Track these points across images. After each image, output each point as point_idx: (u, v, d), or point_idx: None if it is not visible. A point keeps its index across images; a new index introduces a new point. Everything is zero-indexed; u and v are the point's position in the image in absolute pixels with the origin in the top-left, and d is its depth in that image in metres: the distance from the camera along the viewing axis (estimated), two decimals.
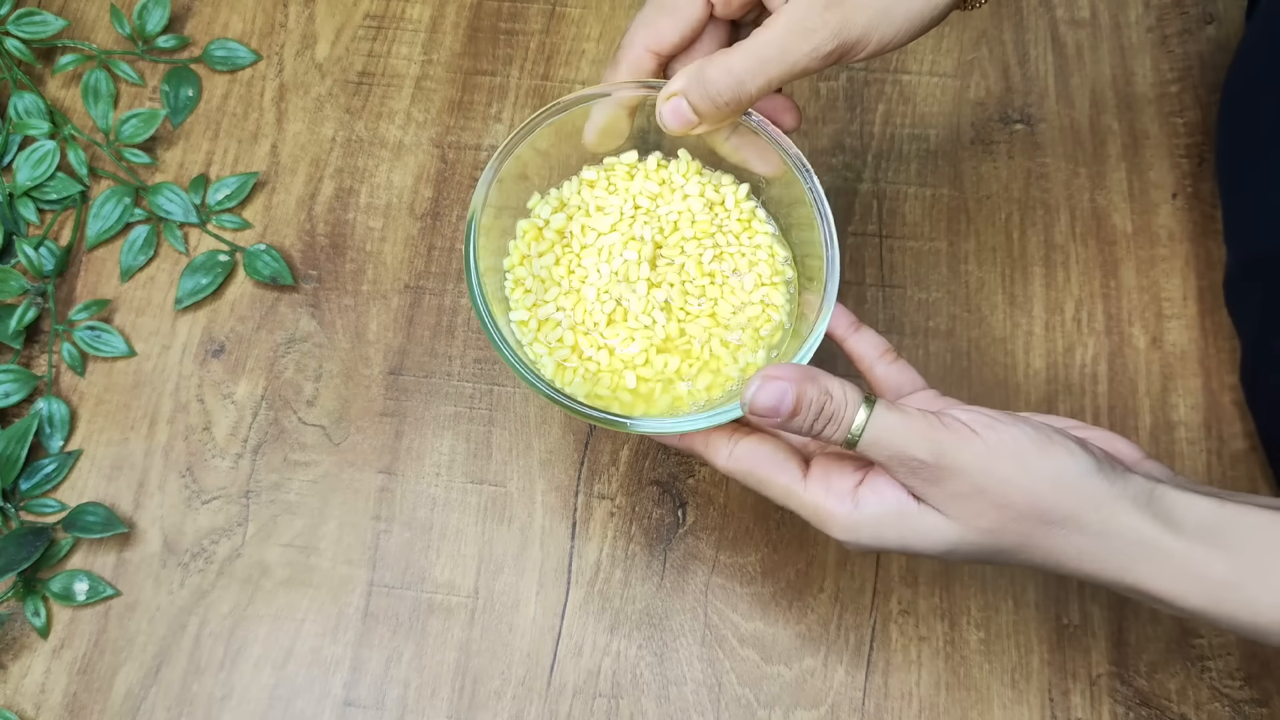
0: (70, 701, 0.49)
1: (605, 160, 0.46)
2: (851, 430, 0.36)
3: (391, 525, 0.51)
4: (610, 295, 0.43)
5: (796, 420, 0.36)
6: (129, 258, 0.56)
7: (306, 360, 0.54)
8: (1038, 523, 0.36)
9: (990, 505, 0.36)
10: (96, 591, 0.50)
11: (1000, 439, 0.36)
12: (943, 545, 0.37)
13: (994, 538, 0.36)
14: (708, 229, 0.44)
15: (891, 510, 0.37)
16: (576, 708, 0.48)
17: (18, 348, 0.54)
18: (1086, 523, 0.35)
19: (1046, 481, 0.36)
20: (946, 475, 0.36)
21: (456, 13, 0.62)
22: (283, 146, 0.59)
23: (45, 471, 0.52)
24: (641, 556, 0.51)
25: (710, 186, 0.45)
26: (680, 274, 0.44)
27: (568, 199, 0.45)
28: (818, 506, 0.38)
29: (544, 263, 0.44)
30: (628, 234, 0.44)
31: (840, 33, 0.38)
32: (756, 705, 0.48)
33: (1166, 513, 0.36)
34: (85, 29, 0.61)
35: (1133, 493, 0.36)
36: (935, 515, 0.37)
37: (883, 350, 0.45)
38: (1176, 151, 0.58)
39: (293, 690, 0.49)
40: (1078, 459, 0.36)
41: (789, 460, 0.40)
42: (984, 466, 0.35)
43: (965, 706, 0.48)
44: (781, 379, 0.36)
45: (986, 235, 0.57)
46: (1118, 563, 0.36)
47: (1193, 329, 0.55)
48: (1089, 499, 0.35)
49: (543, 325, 0.43)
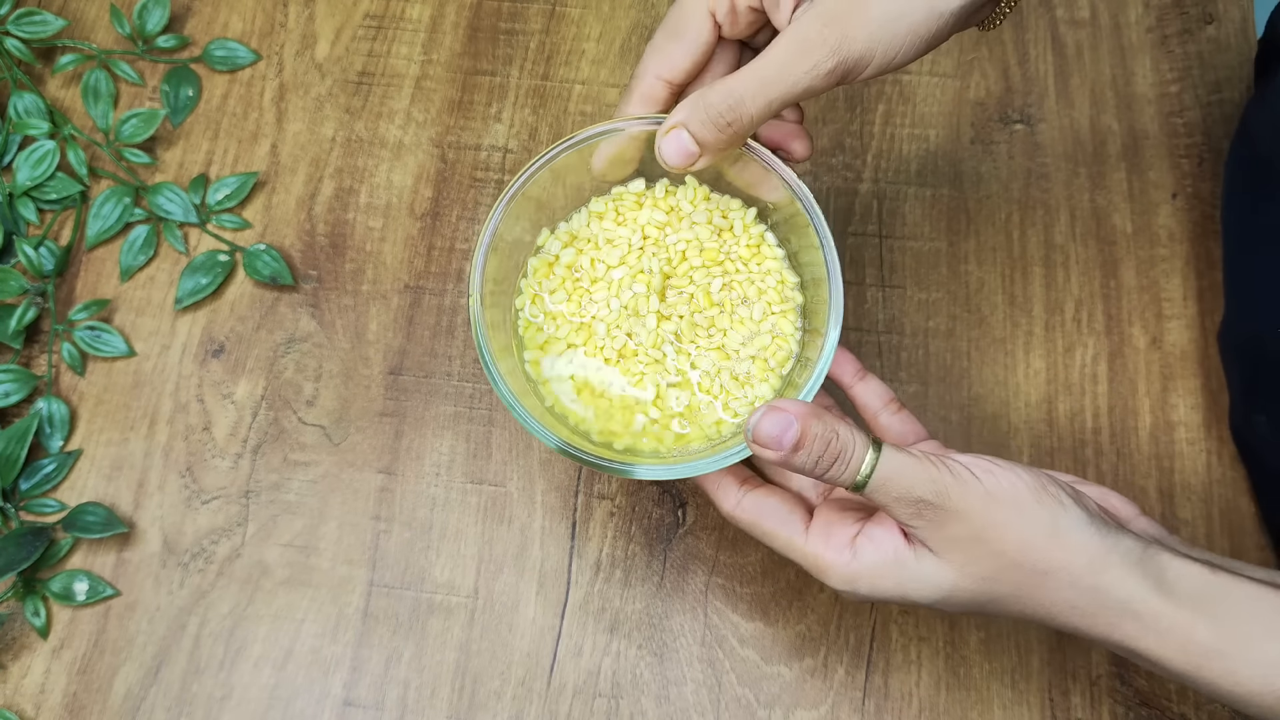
0: (70, 701, 0.49)
1: (613, 190, 0.46)
2: (860, 473, 0.36)
3: (391, 525, 0.51)
4: (620, 329, 0.43)
5: (800, 456, 0.36)
6: (129, 258, 0.56)
7: (306, 360, 0.54)
8: (1030, 572, 0.36)
9: (987, 552, 0.36)
10: (96, 591, 0.50)
11: (999, 484, 0.36)
12: (938, 592, 0.37)
13: (988, 585, 0.37)
14: (715, 256, 0.45)
15: (888, 559, 0.38)
16: (576, 708, 0.48)
17: (17, 348, 0.54)
18: (1077, 576, 0.36)
19: (1041, 530, 0.36)
20: (948, 519, 0.36)
21: (456, 13, 0.62)
22: (282, 146, 0.59)
23: (45, 471, 0.52)
24: (641, 557, 0.51)
25: (718, 212, 0.46)
26: (690, 304, 0.44)
27: (577, 232, 0.46)
28: (817, 557, 0.39)
29: (555, 300, 0.44)
30: (636, 267, 0.44)
31: (839, 49, 0.38)
32: (756, 705, 0.48)
33: (1158, 574, 0.36)
34: (85, 29, 0.61)
35: (1124, 549, 0.36)
36: (932, 561, 0.37)
37: (887, 400, 0.45)
38: (1176, 151, 0.58)
39: (292, 690, 0.49)
40: (1070, 511, 0.36)
41: (793, 514, 0.40)
42: (983, 511, 0.36)
43: (965, 706, 0.48)
44: (787, 411, 0.36)
45: (986, 235, 0.57)
46: (1106, 619, 0.36)
47: (1193, 329, 0.55)
48: (1081, 551, 0.36)
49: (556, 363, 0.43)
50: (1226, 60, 0.60)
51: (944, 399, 0.53)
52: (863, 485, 0.36)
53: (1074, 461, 0.52)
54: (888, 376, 0.54)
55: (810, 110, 0.59)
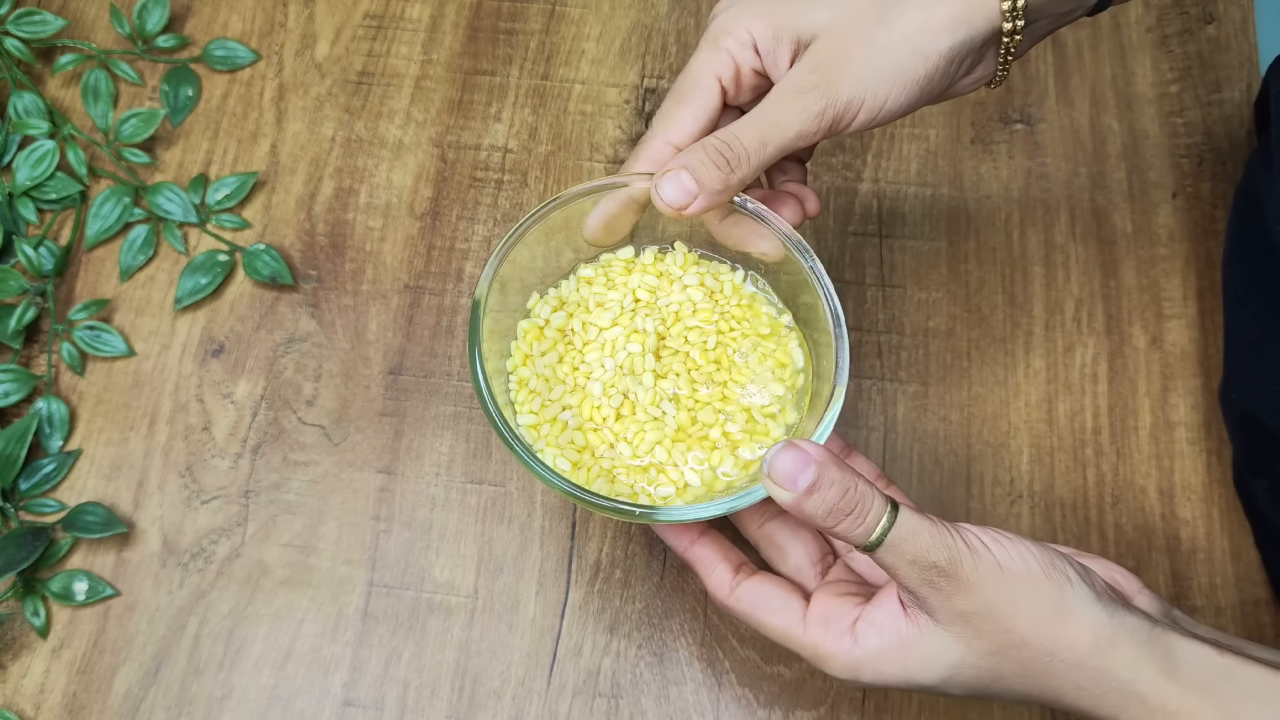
0: (70, 701, 0.49)
1: (601, 257, 0.46)
2: (876, 530, 0.35)
3: (391, 525, 0.51)
4: (616, 389, 0.43)
5: (813, 501, 0.35)
6: (128, 257, 0.56)
7: (306, 360, 0.54)
8: (1038, 651, 0.35)
9: (996, 627, 0.36)
10: (96, 591, 0.50)
11: (1010, 557, 0.36)
12: (944, 669, 0.36)
13: (994, 662, 0.36)
14: (710, 317, 0.44)
15: (891, 643, 0.37)
16: (576, 708, 0.48)
17: (17, 347, 0.54)
18: (1084, 656, 0.35)
19: (1049, 607, 0.35)
20: (959, 590, 0.35)
21: (456, 12, 0.62)
22: (282, 146, 0.59)
23: (44, 471, 0.52)
24: (641, 556, 0.51)
25: (709, 275, 0.45)
26: (686, 363, 0.43)
27: (567, 297, 0.45)
28: (816, 646, 0.38)
29: (547, 361, 0.43)
30: (630, 327, 0.43)
31: (827, 92, 0.39)
32: (756, 705, 0.48)
33: (1164, 655, 0.35)
34: (85, 28, 0.61)
35: (1131, 628, 0.36)
36: (937, 637, 0.36)
37: (875, 475, 0.45)
38: (1176, 151, 0.58)
39: (292, 690, 0.49)
40: (1078, 589, 0.36)
41: (790, 601, 0.39)
42: (994, 584, 0.35)
43: (965, 706, 0.48)
44: (806, 452, 0.35)
45: (986, 235, 0.57)
46: (1112, 700, 0.36)
47: (1193, 329, 0.55)
48: (1088, 630, 0.35)
49: (552, 426, 0.42)
50: (1226, 60, 0.60)
51: (944, 399, 0.53)
52: (877, 544, 0.35)
53: (1074, 461, 0.52)
54: (888, 376, 0.54)
55: None
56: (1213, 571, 0.51)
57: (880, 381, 0.54)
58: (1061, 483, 0.52)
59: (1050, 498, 0.52)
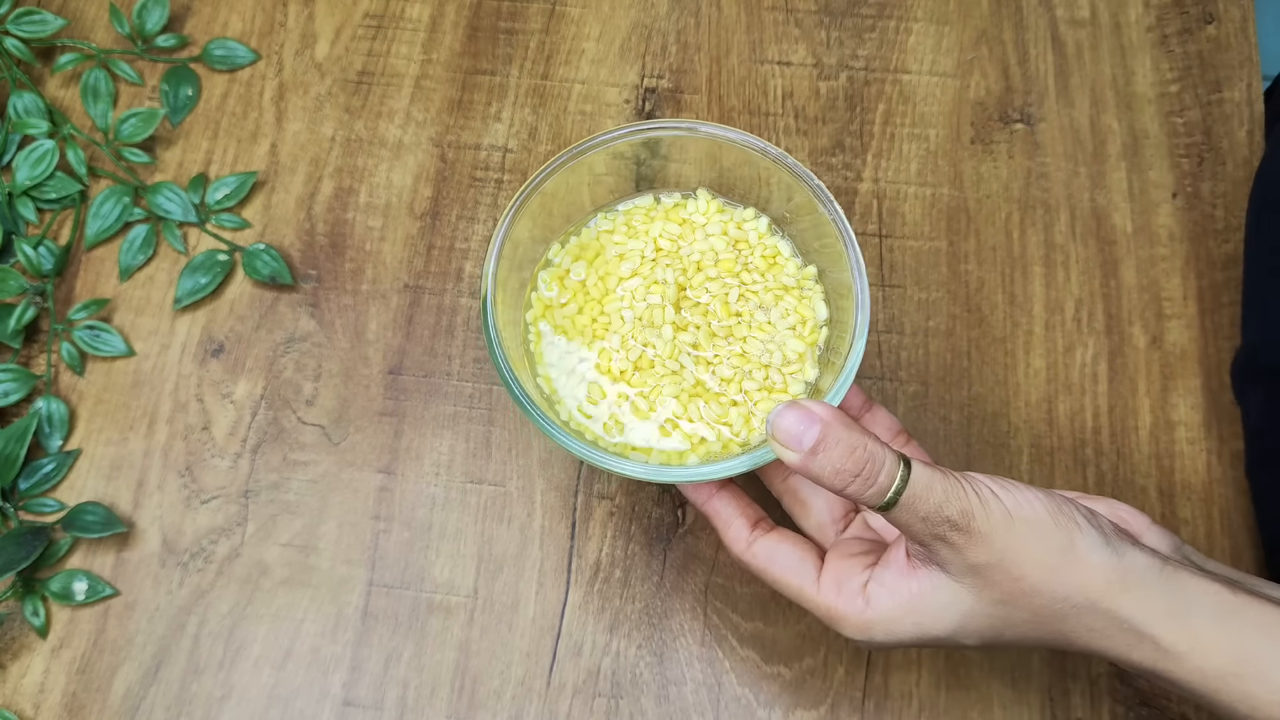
0: (69, 701, 0.49)
1: (621, 205, 0.45)
2: (890, 492, 0.35)
3: (391, 525, 0.51)
4: (636, 341, 0.42)
5: (819, 460, 0.35)
6: (128, 257, 0.56)
7: (306, 360, 0.54)
8: (1049, 598, 0.36)
9: (1006, 576, 0.36)
10: (95, 591, 0.50)
11: (1018, 504, 0.36)
12: (955, 618, 0.37)
13: (1005, 610, 0.36)
14: (732, 267, 0.43)
15: (902, 601, 0.37)
16: (576, 707, 0.48)
17: (17, 347, 0.54)
18: (1095, 599, 0.35)
19: (1058, 552, 0.35)
20: (971, 541, 0.35)
21: (456, 12, 0.62)
22: (282, 146, 0.59)
23: (44, 471, 0.52)
24: (641, 556, 0.51)
25: (732, 224, 0.45)
26: (706, 315, 0.43)
27: (587, 245, 0.45)
28: (830, 608, 0.38)
29: (567, 312, 0.43)
30: (650, 277, 0.43)
31: None
32: (756, 705, 0.48)
33: (1175, 595, 0.35)
34: (84, 28, 0.61)
35: (1141, 568, 0.36)
36: (949, 588, 0.36)
37: (895, 431, 0.44)
38: (1176, 151, 0.58)
39: (292, 690, 0.49)
40: (1087, 533, 0.36)
41: (805, 561, 0.39)
42: (1005, 533, 0.35)
43: (965, 706, 0.48)
44: (810, 410, 0.35)
45: (986, 235, 0.57)
46: (1124, 640, 0.36)
47: (1193, 329, 0.55)
48: (1098, 573, 0.35)
49: (569, 378, 0.42)
50: (1226, 60, 0.60)
51: (944, 399, 0.53)
52: (892, 503, 0.35)
53: (1074, 461, 0.52)
54: (887, 376, 0.54)
55: (810, 110, 0.59)
56: None
57: (880, 381, 0.54)
58: (1061, 483, 0.52)
59: None
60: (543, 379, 0.43)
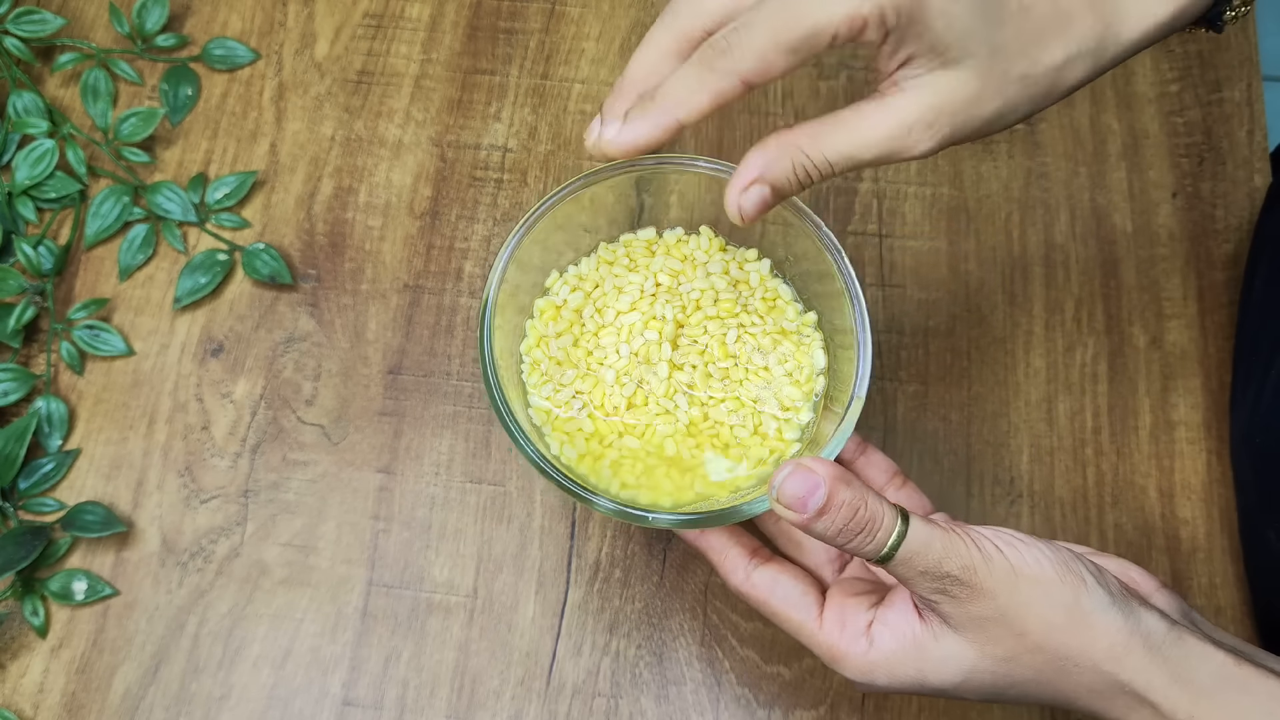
0: (69, 701, 0.49)
1: (623, 237, 0.45)
2: (887, 545, 0.35)
3: (390, 525, 0.51)
4: (630, 378, 0.42)
5: (824, 521, 0.35)
6: (127, 257, 0.56)
7: (305, 359, 0.54)
8: (1052, 656, 0.35)
9: (1010, 632, 0.35)
10: (95, 591, 0.50)
11: (1023, 560, 0.35)
12: (958, 674, 0.36)
13: (1008, 667, 0.36)
14: (731, 308, 0.43)
15: (906, 644, 0.36)
16: (576, 707, 0.48)
17: (16, 347, 0.54)
18: (1098, 661, 0.35)
19: (1063, 610, 0.35)
20: (974, 595, 0.35)
21: (456, 11, 0.62)
22: (282, 145, 0.59)
23: (44, 471, 0.52)
24: (641, 556, 0.51)
25: (734, 263, 0.44)
26: (703, 355, 0.42)
27: (586, 276, 0.44)
28: (831, 647, 0.38)
29: (561, 344, 0.42)
30: (648, 313, 0.42)
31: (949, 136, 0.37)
32: (756, 705, 0.48)
33: (1179, 661, 0.35)
34: (84, 28, 0.61)
35: (1147, 630, 0.35)
36: (952, 640, 0.36)
37: (892, 474, 0.44)
38: (1176, 151, 0.58)
39: (291, 690, 0.49)
40: (1093, 591, 0.35)
41: (807, 595, 0.39)
42: (1009, 589, 0.35)
43: (965, 706, 0.48)
44: (814, 473, 0.35)
45: (986, 235, 0.57)
46: (1123, 703, 0.35)
47: (1193, 329, 0.55)
48: (1103, 634, 0.35)
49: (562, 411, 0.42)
50: (1226, 60, 0.60)
51: (944, 399, 0.53)
52: (889, 558, 0.35)
53: (1074, 461, 0.52)
54: (887, 376, 0.54)
55: (810, 110, 0.59)
56: (1213, 571, 0.51)
57: (880, 381, 0.54)
58: (1061, 482, 0.52)
59: (1050, 497, 0.52)
60: (534, 410, 0.42)
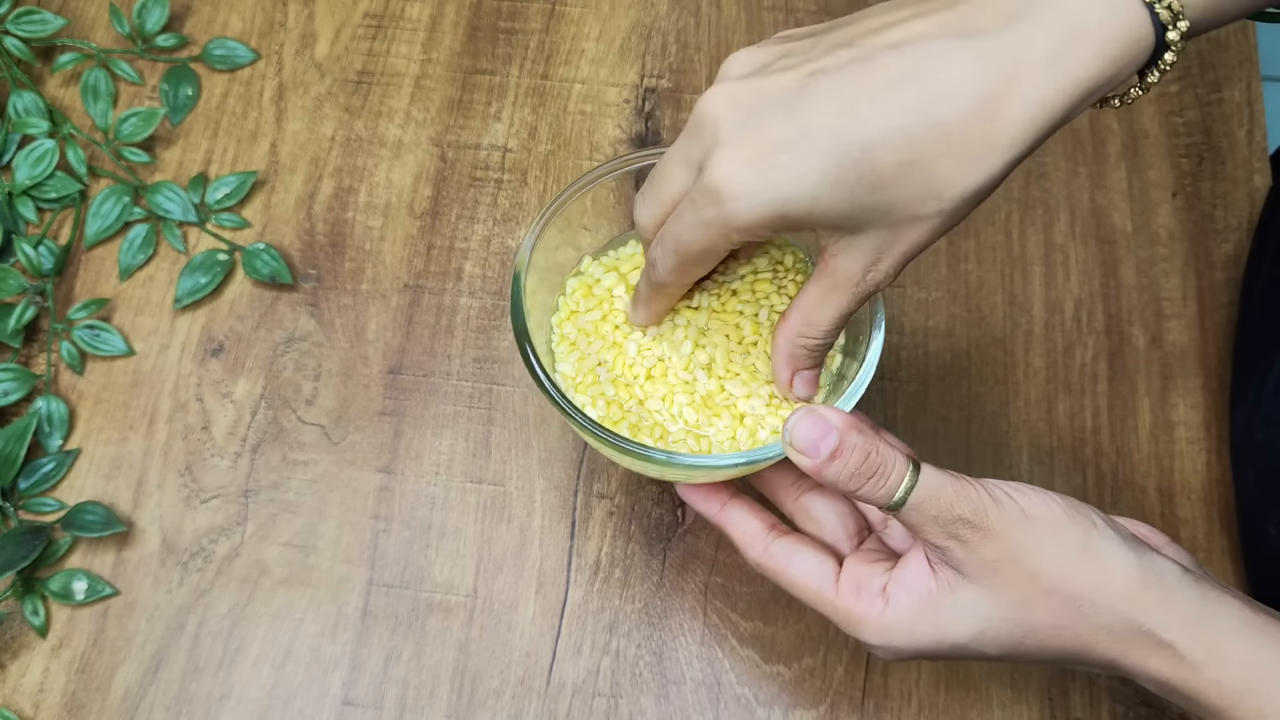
0: (69, 701, 0.49)
1: None
2: (899, 491, 0.35)
3: (390, 524, 0.51)
4: (652, 352, 0.43)
5: (835, 467, 0.35)
6: (128, 257, 0.56)
7: (305, 359, 0.54)
8: (1066, 598, 0.35)
9: (1023, 573, 0.35)
10: (95, 590, 0.50)
11: (1033, 504, 0.36)
12: (974, 622, 0.36)
13: (1024, 613, 0.36)
14: (767, 288, 0.43)
15: (922, 600, 0.37)
16: (575, 707, 0.48)
17: (16, 346, 0.54)
18: (1113, 599, 0.35)
19: (1075, 549, 0.35)
20: (984, 539, 0.35)
21: (456, 12, 0.62)
22: (282, 145, 0.59)
23: (44, 470, 0.52)
24: (641, 556, 0.51)
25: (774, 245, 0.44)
26: (733, 333, 0.43)
27: (623, 258, 0.45)
28: (848, 611, 0.38)
29: (590, 318, 0.44)
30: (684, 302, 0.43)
31: None
32: (756, 705, 0.48)
33: (1195, 603, 0.35)
34: (84, 28, 0.61)
35: (1161, 571, 0.35)
36: (965, 589, 0.36)
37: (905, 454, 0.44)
38: (1176, 151, 0.58)
39: (291, 690, 0.49)
40: (1104, 532, 0.35)
41: (823, 563, 0.39)
42: (1019, 530, 0.35)
43: (965, 706, 0.48)
44: (826, 418, 0.35)
45: (986, 235, 0.57)
46: (1140, 646, 0.35)
47: (1193, 329, 0.55)
48: (1117, 572, 0.35)
49: (586, 377, 0.43)
50: (1226, 60, 0.60)
51: (944, 399, 0.53)
52: (900, 504, 0.35)
53: (1074, 461, 0.52)
54: (887, 376, 0.54)
55: None
56: (1212, 571, 0.51)
57: (880, 381, 0.54)
58: (1061, 482, 0.52)
59: None
60: (560, 376, 0.43)
